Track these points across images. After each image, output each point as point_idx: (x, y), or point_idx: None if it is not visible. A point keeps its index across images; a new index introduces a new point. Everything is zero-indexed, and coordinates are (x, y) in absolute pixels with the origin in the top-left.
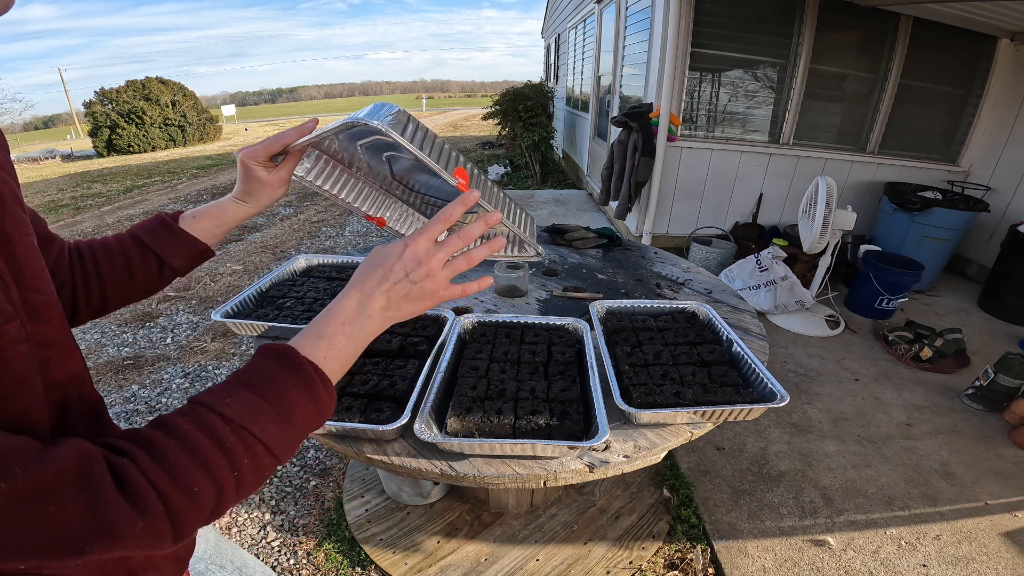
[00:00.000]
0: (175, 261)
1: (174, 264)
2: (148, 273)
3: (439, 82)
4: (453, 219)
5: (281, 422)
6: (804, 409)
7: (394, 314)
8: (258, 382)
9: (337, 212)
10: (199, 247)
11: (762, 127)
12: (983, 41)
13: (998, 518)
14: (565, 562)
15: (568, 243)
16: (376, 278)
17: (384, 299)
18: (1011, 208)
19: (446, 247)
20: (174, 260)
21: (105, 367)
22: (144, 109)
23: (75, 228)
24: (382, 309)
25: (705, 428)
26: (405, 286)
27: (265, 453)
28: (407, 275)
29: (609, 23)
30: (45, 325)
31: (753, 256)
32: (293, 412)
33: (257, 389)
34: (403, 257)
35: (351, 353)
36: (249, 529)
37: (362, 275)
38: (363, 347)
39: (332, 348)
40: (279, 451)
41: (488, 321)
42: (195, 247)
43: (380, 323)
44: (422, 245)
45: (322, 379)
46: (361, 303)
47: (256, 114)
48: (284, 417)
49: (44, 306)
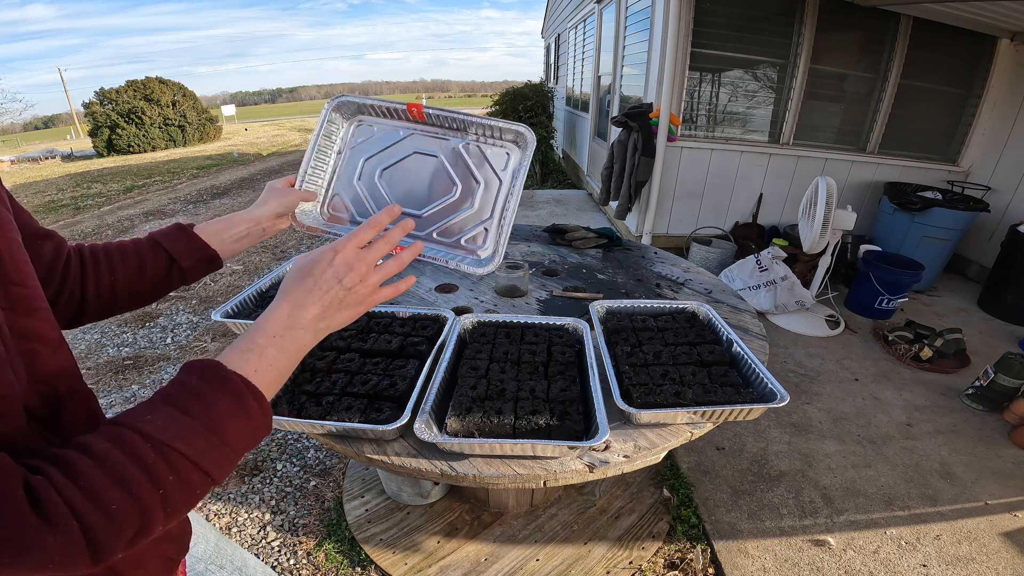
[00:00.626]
0: (184, 261)
1: (183, 264)
2: (157, 270)
3: (439, 82)
4: (381, 226)
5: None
6: (804, 409)
7: (330, 323)
8: (182, 398)
9: None
10: (208, 252)
11: (762, 127)
12: (983, 41)
13: (998, 518)
14: (565, 562)
15: (568, 243)
16: (306, 287)
17: (318, 308)
18: (1011, 208)
19: (374, 252)
20: (183, 260)
21: (105, 367)
22: (144, 109)
23: (75, 228)
24: (316, 319)
25: (705, 428)
26: (339, 293)
27: (193, 470)
28: (339, 282)
29: (609, 23)
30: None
31: (753, 256)
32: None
33: (181, 405)
34: (334, 263)
35: (285, 364)
36: (249, 529)
37: (291, 285)
38: (298, 358)
39: (263, 360)
40: (210, 467)
41: (488, 321)
42: (204, 251)
43: (315, 333)
44: (351, 251)
45: (253, 392)
46: (292, 314)
47: (256, 114)
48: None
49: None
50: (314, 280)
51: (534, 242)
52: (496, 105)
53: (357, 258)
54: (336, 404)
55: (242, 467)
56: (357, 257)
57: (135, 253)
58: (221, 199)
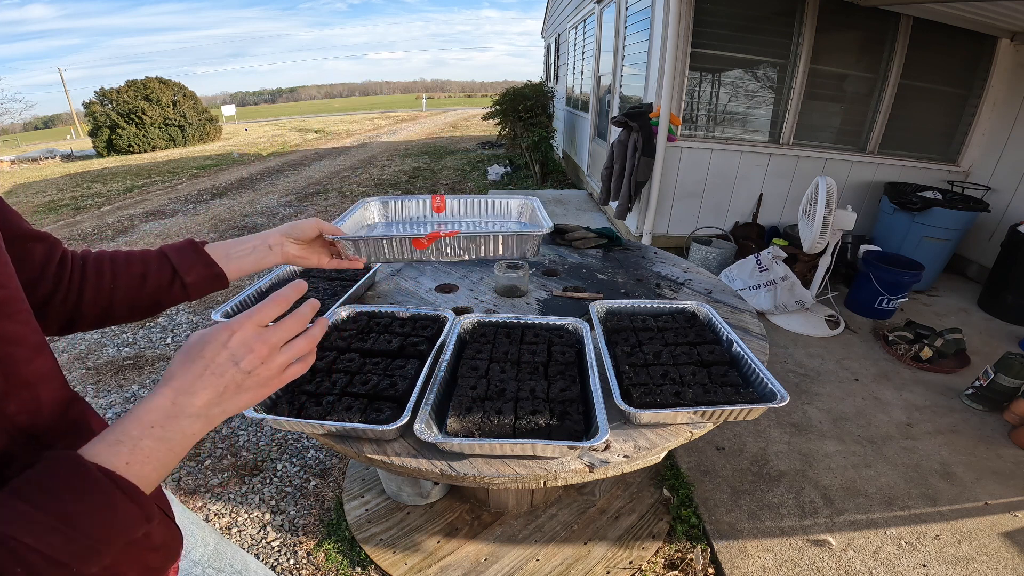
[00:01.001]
0: (188, 276)
1: (186, 278)
2: (160, 282)
3: (439, 82)
4: (288, 303)
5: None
6: (804, 409)
7: (227, 407)
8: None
9: (337, 212)
10: (214, 269)
11: (762, 127)
12: (983, 41)
13: (998, 518)
14: (565, 562)
15: (568, 243)
16: (196, 372)
17: (210, 393)
18: (1011, 208)
19: (280, 331)
20: (187, 274)
21: (105, 367)
22: (144, 109)
23: (75, 228)
24: (208, 405)
25: (705, 428)
26: (236, 376)
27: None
28: (236, 364)
29: (609, 23)
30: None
31: (753, 256)
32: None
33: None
34: (229, 345)
35: (167, 455)
36: (249, 529)
37: (178, 368)
38: (187, 446)
39: (136, 453)
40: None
41: (488, 321)
42: (210, 268)
43: (207, 420)
44: (250, 330)
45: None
46: (176, 401)
47: (256, 114)
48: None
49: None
50: (205, 363)
51: None
52: (496, 105)
53: (258, 338)
54: (336, 404)
55: (242, 467)
56: (258, 337)
57: (140, 262)
58: (221, 199)
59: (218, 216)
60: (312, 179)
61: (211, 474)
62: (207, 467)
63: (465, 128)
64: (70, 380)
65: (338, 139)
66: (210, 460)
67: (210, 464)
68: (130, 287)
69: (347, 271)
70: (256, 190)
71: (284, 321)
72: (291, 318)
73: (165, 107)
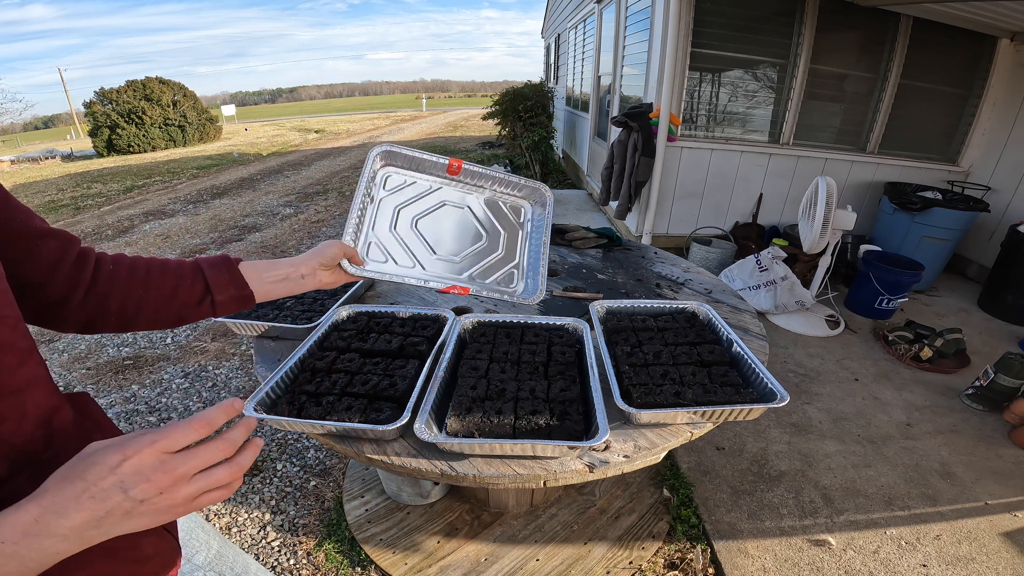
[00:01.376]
0: (219, 295)
1: (217, 297)
2: (190, 297)
3: (439, 82)
4: (211, 428)
5: None
6: (804, 409)
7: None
8: None
9: (337, 212)
10: (245, 291)
11: (762, 127)
12: (983, 41)
13: (998, 518)
14: (565, 562)
15: (568, 243)
16: (71, 493)
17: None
18: (1011, 208)
19: (194, 459)
20: (219, 293)
21: (105, 367)
22: (144, 109)
23: (75, 228)
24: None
25: (705, 428)
26: (124, 504)
27: None
28: (124, 492)
29: (609, 23)
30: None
31: (753, 256)
32: None
33: None
34: (118, 471)
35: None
36: (249, 529)
37: (53, 485)
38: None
39: None
40: None
41: (488, 321)
42: (242, 289)
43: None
44: (148, 458)
45: None
46: (41, 520)
47: (256, 114)
48: None
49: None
50: (84, 486)
51: None
52: (496, 105)
53: (159, 468)
54: (336, 404)
55: None
56: (159, 466)
57: (175, 275)
58: (221, 199)
59: (218, 216)
60: (312, 179)
61: None
62: None
63: (465, 128)
64: (70, 380)
65: (338, 139)
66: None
67: None
68: (159, 300)
69: None
70: (256, 190)
71: (203, 449)
72: (213, 445)
73: (165, 107)
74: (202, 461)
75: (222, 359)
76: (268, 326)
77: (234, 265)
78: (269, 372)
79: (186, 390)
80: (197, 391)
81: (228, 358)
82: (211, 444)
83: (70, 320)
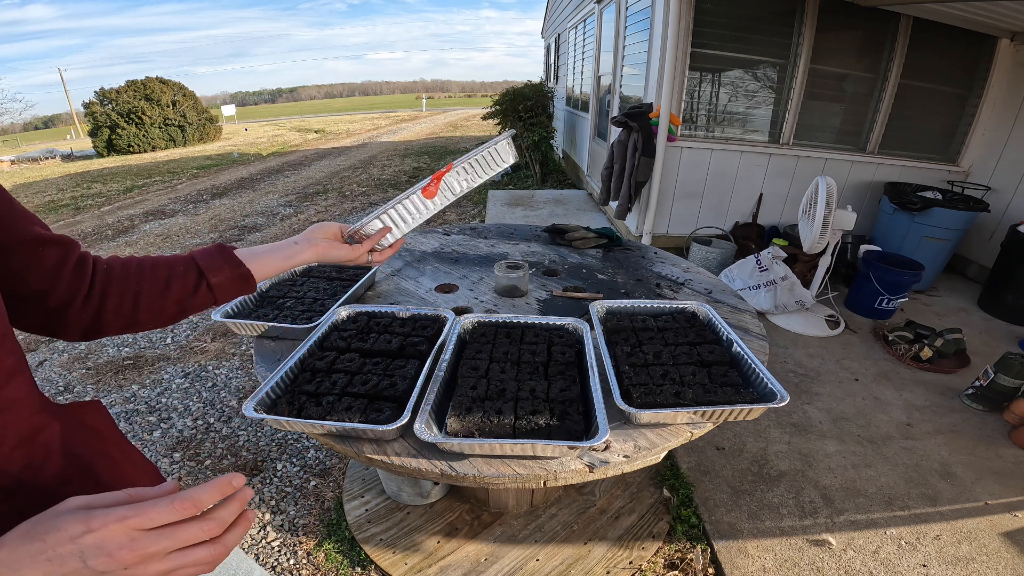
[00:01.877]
0: (214, 276)
1: (212, 279)
2: (186, 285)
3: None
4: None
5: None
6: (804, 409)
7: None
8: None
9: (337, 212)
10: (242, 269)
11: (762, 127)
12: (983, 41)
13: (998, 518)
14: (565, 562)
15: (568, 243)
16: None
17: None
18: (1011, 208)
19: (171, 539)
20: (213, 275)
21: (105, 367)
22: (144, 109)
23: (75, 228)
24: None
25: (705, 428)
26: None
27: None
28: (84, 562)
29: (609, 23)
30: None
31: (753, 256)
32: None
33: None
34: (79, 542)
35: None
36: (249, 529)
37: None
38: None
39: None
40: None
41: (488, 321)
42: (238, 268)
43: None
44: (115, 534)
45: None
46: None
47: (256, 114)
48: None
49: None
50: (42, 547)
51: (534, 242)
52: (496, 105)
53: (126, 545)
54: (336, 404)
55: (242, 467)
56: (126, 544)
57: (166, 266)
58: (221, 199)
59: (218, 216)
60: (312, 179)
61: (211, 474)
62: (207, 467)
63: (465, 128)
64: (70, 380)
65: (338, 139)
66: (210, 460)
67: (210, 464)
68: (154, 293)
69: (347, 271)
70: (256, 190)
71: (182, 528)
72: (196, 525)
73: (165, 107)
74: (178, 542)
75: (222, 359)
76: (268, 326)
77: (227, 248)
78: (269, 372)
79: (186, 390)
80: (197, 391)
81: (228, 358)
82: (193, 524)
83: (72, 325)
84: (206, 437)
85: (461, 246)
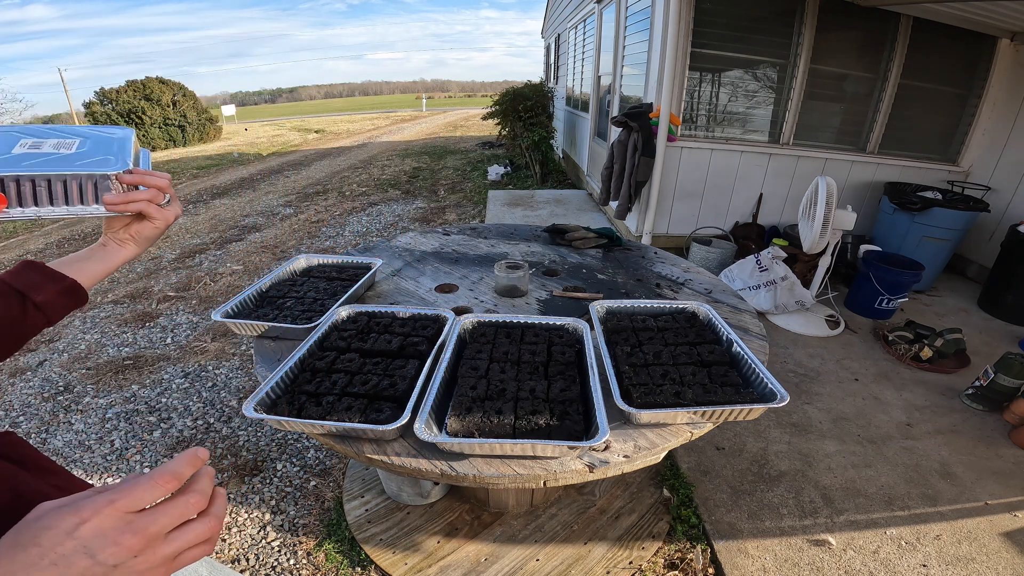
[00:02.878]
0: (37, 295)
1: (36, 298)
2: (9, 313)
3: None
4: (178, 481)
5: None
6: (804, 409)
7: None
8: None
9: (337, 212)
10: (65, 281)
11: (762, 127)
12: (983, 41)
13: (998, 518)
14: (565, 562)
15: (568, 243)
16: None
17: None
18: (1011, 208)
19: (163, 517)
20: (36, 294)
21: (105, 367)
22: (144, 109)
23: (75, 228)
24: None
25: (705, 428)
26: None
27: None
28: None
29: (609, 23)
30: None
31: (753, 256)
32: None
33: None
34: (76, 535)
35: None
36: (249, 529)
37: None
38: None
39: None
40: None
41: (488, 321)
42: (60, 281)
43: None
44: (110, 519)
45: None
46: None
47: (256, 114)
48: None
49: None
50: (41, 552)
51: (534, 242)
52: (496, 105)
53: (126, 529)
54: (336, 404)
55: (242, 467)
56: (126, 528)
57: None
58: (221, 199)
59: (218, 216)
60: (312, 179)
61: None
62: (207, 467)
63: (465, 128)
64: (70, 380)
65: (338, 139)
66: (210, 460)
67: (210, 464)
68: None
69: (347, 271)
70: (256, 190)
71: (172, 504)
72: (184, 499)
73: (165, 107)
74: (174, 518)
75: (222, 359)
76: (268, 326)
77: (39, 264)
78: (269, 372)
79: (186, 390)
80: (197, 391)
81: (228, 358)
82: (181, 498)
83: None
84: (206, 437)
85: (461, 246)
